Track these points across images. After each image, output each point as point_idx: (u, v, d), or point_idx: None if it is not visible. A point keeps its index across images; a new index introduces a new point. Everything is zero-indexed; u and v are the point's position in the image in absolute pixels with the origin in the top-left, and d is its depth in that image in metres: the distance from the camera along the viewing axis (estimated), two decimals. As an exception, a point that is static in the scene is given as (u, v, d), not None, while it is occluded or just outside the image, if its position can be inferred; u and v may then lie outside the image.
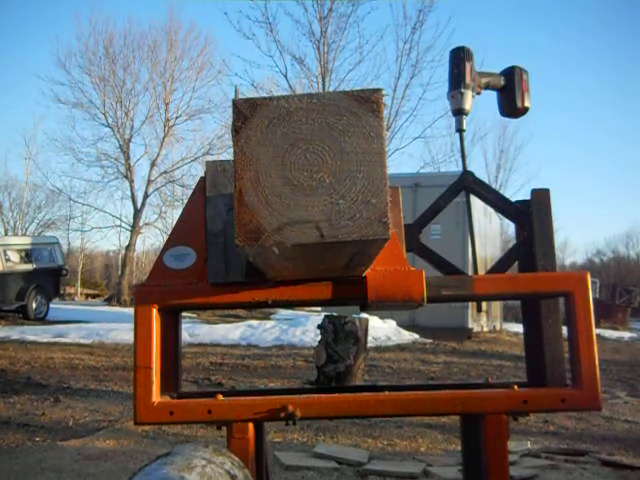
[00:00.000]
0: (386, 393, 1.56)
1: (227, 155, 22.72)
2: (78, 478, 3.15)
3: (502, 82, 1.99)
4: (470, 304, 9.10)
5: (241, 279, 1.51)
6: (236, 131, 1.19)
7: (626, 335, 17.47)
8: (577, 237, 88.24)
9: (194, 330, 10.75)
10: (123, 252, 25.89)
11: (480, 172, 2.12)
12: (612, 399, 5.97)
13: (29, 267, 14.58)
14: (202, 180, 1.59)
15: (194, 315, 14.37)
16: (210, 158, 23.37)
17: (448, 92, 1.95)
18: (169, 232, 1.67)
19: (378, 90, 1.21)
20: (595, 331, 1.54)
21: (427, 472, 3.35)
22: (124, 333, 9.88)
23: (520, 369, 7.14)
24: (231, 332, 10.78)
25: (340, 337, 5.79)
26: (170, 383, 1.65)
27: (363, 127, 1.18)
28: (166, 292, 1.52)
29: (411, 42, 19.82)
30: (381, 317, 10.84)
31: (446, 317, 10.89)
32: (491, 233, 13.89)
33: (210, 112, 25.06)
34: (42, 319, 14.33)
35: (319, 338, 5.97)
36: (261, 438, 1.69)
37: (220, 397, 1.52)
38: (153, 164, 24.67)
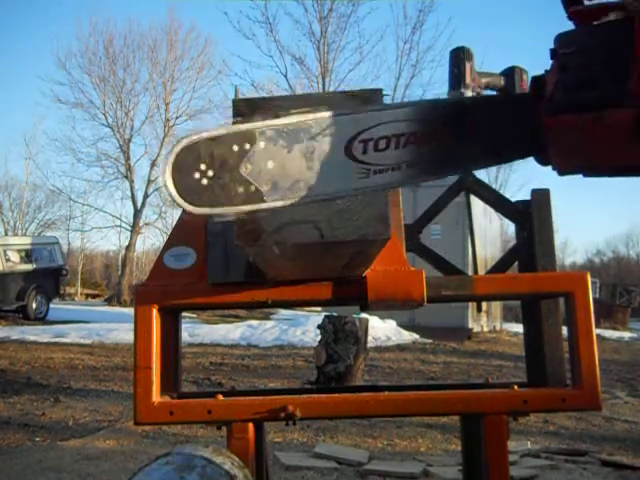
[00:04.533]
0: (386, 393, 1.56)
1: (227, 155, 22.62)
2: (78, 478, 3.15)
3: (502, 82, 1.98)
4: (470, 304, 9.11)
5: (241, 279, 1.51)
6: (236, 131, 1.18)
7: (626, 335, 17.48)
8: (577, 237, 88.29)
9: (194, 330, 10.75)
10: (123, 252, 25.90)
11: (480, 172, 2.11)
12: (612, 399, 5.97)
13: (29, 267, 14.58)
14: (202, 180, 1.59)
15: (194, 315, 14.37)
16: (210, 158, 23.28)
17: (448, 92, 1.94)
18: (169, 232, 1.67)
19: (378, 90, 1.21)
20: (595, 331, 1.54)
21: (427, 472, 3.35)
22: (124, 333, 9.88)
23: (520, 369, 7.14)
24: (231, 332, 10.78)
25: (340, 337, 5.79)
26: (170, 383, 1.65)
27: (363, 127, 1.18)
28: (166, 292, 1.52)
29: (411, 42, 19.85)
30: (381, 317, 10.84)
31: (446, 317, 10.88)
32: (491, 233, 13.89)
33: (210, 112, 25.08)
34: (42, 319, 14.33)
35: (319, 338, 5.97)
36: (261, 438, 1.69)
37: (220, 397, 1.52)
38: (153, 164, 24.67)
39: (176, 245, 1.57)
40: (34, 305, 14.45)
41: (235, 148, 1.05)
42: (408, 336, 10.92)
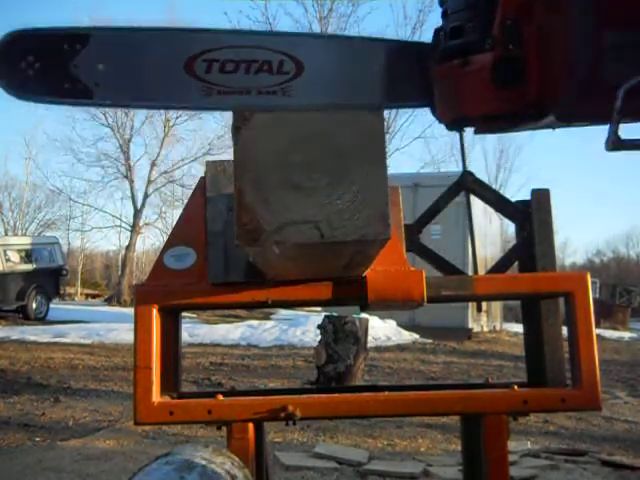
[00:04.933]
0: (386, 393, 1.56)
1: (227, 155, 22.73)
2: (78, 478, 3.15)
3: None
4: (470, 304, 9.11)
5: (241, 279, 1.51)
6: (236, 131, 1.19)
7: (626, 335, 17.48)
8: (577, 237, 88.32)
9: (194, 330, 10.75)
10: (123, 252, 25.92)
11: (480, 172, 2.12)
12: (612, 399, 5.97)
13: (29, 267, 14.58)
14: (202, 180, 1.59)
15: (194, 315, 14.37)
16: (210, 158, 23.38)
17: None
18: (169, 232, 1.67)
19: (378, 90, 1.21)
20: (595, 331, 1.54)
21: (427, 472, 3.36)
22: (124, 333, 9.88)
23: (520, 369, 7.14)
24: (231, 332, 10.78)
25: (340, 337, 5.79)
26: (170, 383, 1.65)
27: (363, 127, 1.18)
28: (166, 292, 1.52)
29: (411, 42, 19.82)
30: (381, 317, 10.84)
31: (446, 317, 10.88)
32: (491, 233, 13.89)
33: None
34: (42, 319, 14.33)
35: (319, 338, 5.98)
36: (261, 438, 1.69)
37: (220, 397, 1.52)
38: (153, 164, 24.70)
39: (176, 245, 1.57)
40: (34, 305, 14.45)
41: (65, 46, 1.07)
42: (408, 336, 10.93)
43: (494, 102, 1.27)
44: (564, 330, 1.66)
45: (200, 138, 26.08)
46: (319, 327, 6.00)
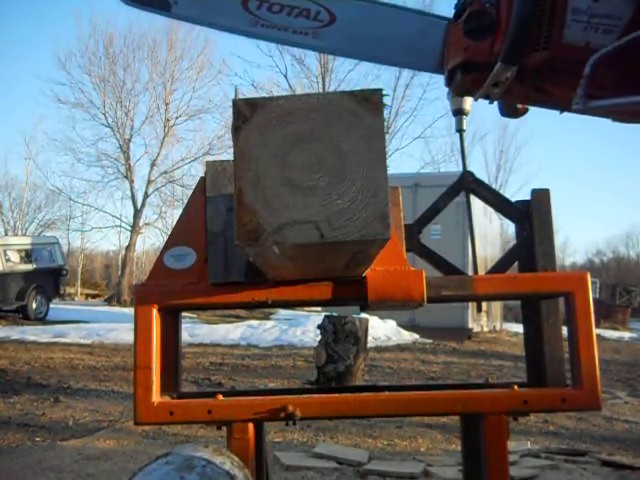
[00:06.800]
0: (386, 393, 1.56)
1: (227, 155, 22.74)
2: (78, 478, 3.15)
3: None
4: (470, 304, 9.10)
5: (241, 279, 1.51)
6: (236, 131, 1.19)
7: (626, 335, 17.48)
8: (577, 237, 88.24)
9: (194, 330, 10.75)
10: (123, 252, 25.93)
11: (480, 172, 2.12)
12: (612, 399, 5.97)
13: (29, 267, 14.58)
14: (202, 180, 1.59)
15: (194, 315, 14.37)
16: (210, 158, 23.38)
17: (448, 92, 1.95)
18: (169, 232, 1.67)
19: (378, 90, 1.21)
20: (595, 331, 1.54)
21: (427, 472, 3.35)
22: (124, 333, 9.88)
23: (520, 369, 7.14)
24: (231, 332, 10.78)
25: (340, 337, 5.79)
26: (170, 383, 1.65)
27: (363, 127, 1.18)
28: (166, 292, 1.52)
29: (411, 42, 19.80)
30: (381, 317, 10.83)
31: (446, 317, 10.88)
32: (491, 233, 13.89)
33: (210, 112, 25.15)
34: (42, 319, 14.32)
35: (319, 338, 5.98)
36: (261, 438, 1.69)
37: (220, 397, 1.52)
38: (153, 164, 24.70)
39: (176, 245, 1.57)
40: (34, 305, 14.44)
41: None
42: (408, 336, 10.92)
43: (466, 51, 1.49)
44: (564, 330, 1.66)
45: (200, 138, 26.15)
46: (319, 327, 6.00)
